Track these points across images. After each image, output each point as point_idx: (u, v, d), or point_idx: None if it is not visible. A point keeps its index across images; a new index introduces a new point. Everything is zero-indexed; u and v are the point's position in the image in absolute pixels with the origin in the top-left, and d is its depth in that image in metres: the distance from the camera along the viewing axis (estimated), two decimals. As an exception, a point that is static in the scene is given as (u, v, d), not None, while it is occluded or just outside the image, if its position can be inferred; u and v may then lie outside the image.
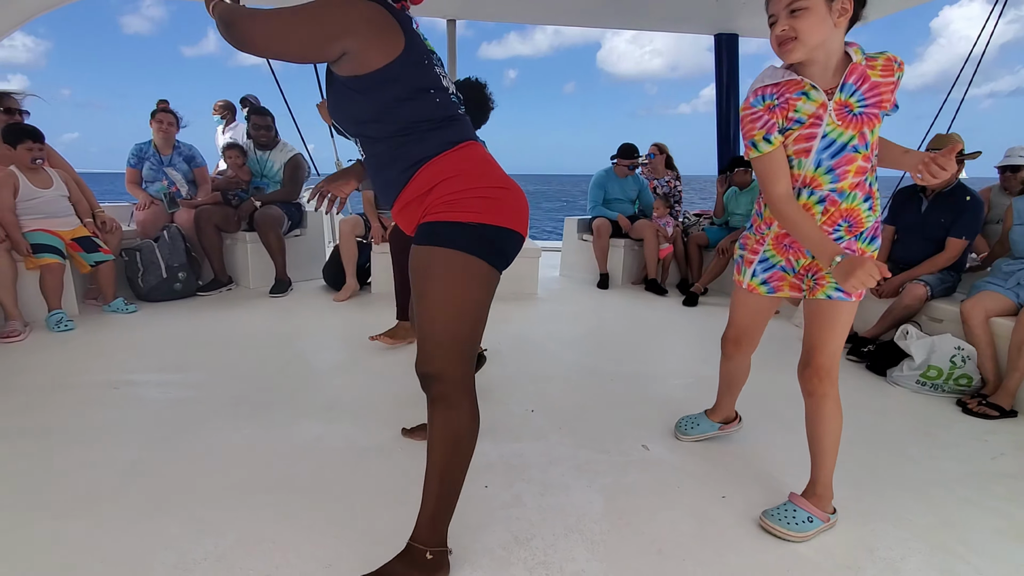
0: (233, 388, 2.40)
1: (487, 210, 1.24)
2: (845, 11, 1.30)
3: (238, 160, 4.11)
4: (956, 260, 2.91)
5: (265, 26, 1.17)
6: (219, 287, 4.03)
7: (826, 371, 1.50)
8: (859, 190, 1.41)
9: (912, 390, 2.59)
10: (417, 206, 1.29)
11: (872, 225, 1.46)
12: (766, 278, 1.62)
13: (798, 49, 1.32)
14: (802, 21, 1.29)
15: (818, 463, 1.57)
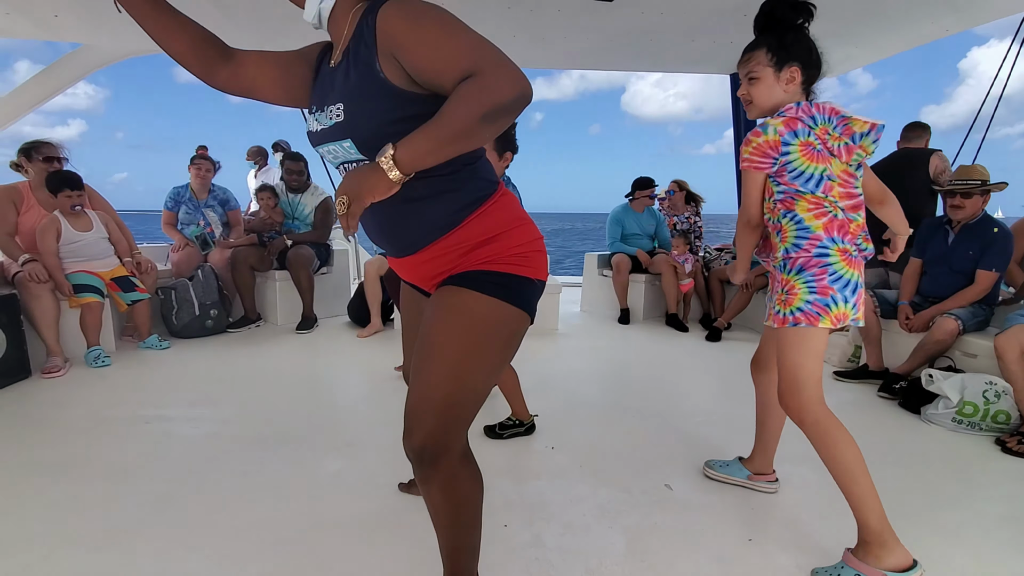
0: (259, 423, 2.45)
1: (542, 264, 1.17)
2: (792, 79, 1.53)
3: (271, 202, 4.30)
4: (988, 293, 2.83)
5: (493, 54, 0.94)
6: (248, 324, 4.15)
7: (786, 392, 1.52)
8: (768, 226, 1.64)
9: (949, 428, 2.49)
10: (458, 255, 1.11)
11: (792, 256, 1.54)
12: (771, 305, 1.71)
13: (754, 110, 1.59)
14: (755, 88, 1.56)
15: (850, 502, 1.48)
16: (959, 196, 2.89)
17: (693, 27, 3.93)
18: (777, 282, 1.59)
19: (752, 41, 1.58)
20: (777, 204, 1.58)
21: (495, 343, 1.09)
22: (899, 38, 4.15)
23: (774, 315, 1.56)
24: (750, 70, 1.55)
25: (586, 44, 4.35)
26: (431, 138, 0.92)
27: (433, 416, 1.05)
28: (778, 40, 1.52)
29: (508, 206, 1.15)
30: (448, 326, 1.07)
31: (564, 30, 4.06)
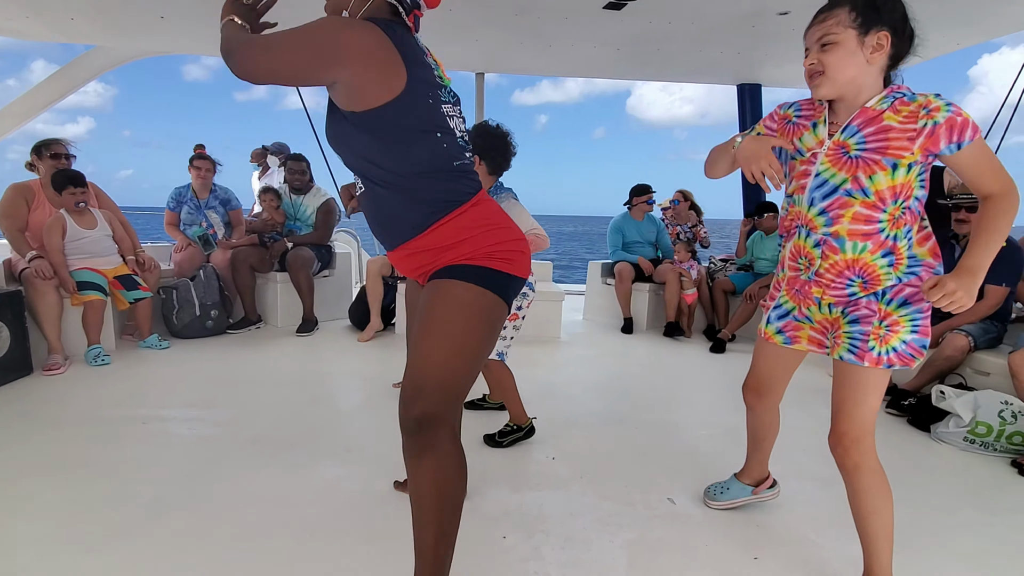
0: (257, 426, 2.42)
1: (519, 262, 1.26)
2: (880, 47, 1.24)
3: (273, 203, 4.28)
4: (998, 309, 2.78)
5: (262, 53, 1.11)
6: (248, 325, 4.12)
7: (851, 439, 1.35)
8: (869, 242, 1.30)
9: (960, 448, 2.43)
10: (432, 255, 1.24)
11: (900, 287, 1.32)
12: (781, 327, 1.54)
13: (825, 84, 1.29)
14: (831, 55, 1.26)
15: (868, 549, 1.42)
16: (964, 210, 2.84)
17: (701, 37, 3.93)
18: (872, 313, 1.33)
19: (829, 2, 1.30)
20: (906, 212, 1.29)
21: (482, 326, 1.20)
22: (910, 51, 4.12)
23: (866, 352, 1.31)
24: (826, 32, 1.26)
25: (593, 52, 4.34)
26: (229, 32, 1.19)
27: (433, 386, 1.15)
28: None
29: (482, 214, 1.25)
30: (443, 308, 1.19)
31: (571, 38, 4.05)
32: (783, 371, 1.62)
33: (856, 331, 1.34)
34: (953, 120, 1.21)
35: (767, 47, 4.06)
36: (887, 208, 1.29)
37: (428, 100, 1.18)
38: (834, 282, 1.36)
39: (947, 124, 1.21)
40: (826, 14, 1.28)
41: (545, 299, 4.03)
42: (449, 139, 1.22)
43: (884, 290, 1.33)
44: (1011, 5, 3.24)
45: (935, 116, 1.22)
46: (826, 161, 1.33)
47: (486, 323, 1.21)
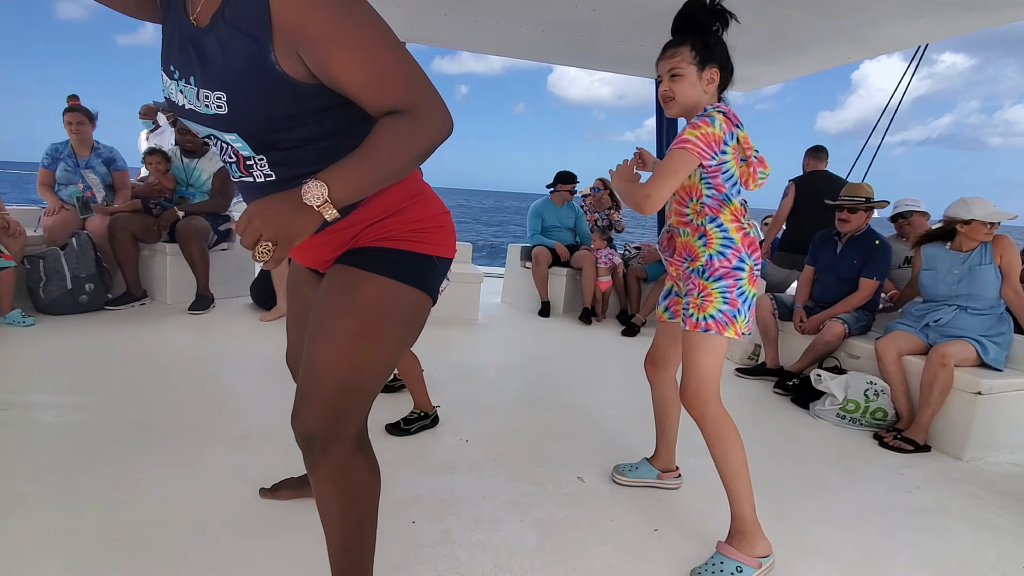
0: (139, 413, 2.17)
1: (444, 240, 1.09)
2: (712, 80, 1.56)
3: (161, 166, 3.85)
4: (869, 300, 3.11)
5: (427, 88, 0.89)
6: (131, 301, 3.71)
7: (692, 392, 1.56)
8: (688, 228, 1.62)
9: (833, 423, 2.71)
10: (353, 232, 1.04)
11: (708, 262, 1.56)
12: (667, 304, 1.80)
13: (674, 107, 1.59)
14: (678, 85, 1.56)
15: (729, 493, 1.55)
16: (846, 211, 3.14)
17: (623, 28, 4.00)
18: (693, 286, 1.59)
19: (673, 38, 1.58)
20: (704, 207, 1.58)
21: (390, 325, 1.02)
22: (807, 61, 4.47)
23: (687, 318, 1.57)
24: (674, 66, 1.55)
25: (518, 32, 4.29)
26: (366, 177, 0.85)
27: (322, 401, 0.98)
28: (703, 40, 1.54)
29: (407, 181, 1.06)
30: (338, 308, 1.00)
31: (497, 15, 3.97)
32: (673, 344, 1.81)
33: (686, 302, 1.61)
34: (682, 132, 1.52)
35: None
36: (689, 204, 1.61)
37: None
38: (679, 261, 1.68)
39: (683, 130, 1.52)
40: (673, 50, 1.56)
41: (463, 281, 3.98)
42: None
43: (703, 267, 1.58)
44: (893, 27, 3.60)
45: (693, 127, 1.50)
46: None
47: (402, 325, 1.03)
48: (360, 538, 1.09)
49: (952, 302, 2.67)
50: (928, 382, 2.49)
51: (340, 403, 0.98)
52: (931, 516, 1.93)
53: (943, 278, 2.71)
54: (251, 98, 0.88)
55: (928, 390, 2.49)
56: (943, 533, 1.83)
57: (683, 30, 1.57)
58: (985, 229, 2.58)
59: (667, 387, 1.88)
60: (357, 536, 1.09)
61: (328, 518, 1.06)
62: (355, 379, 0.99)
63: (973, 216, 2.58)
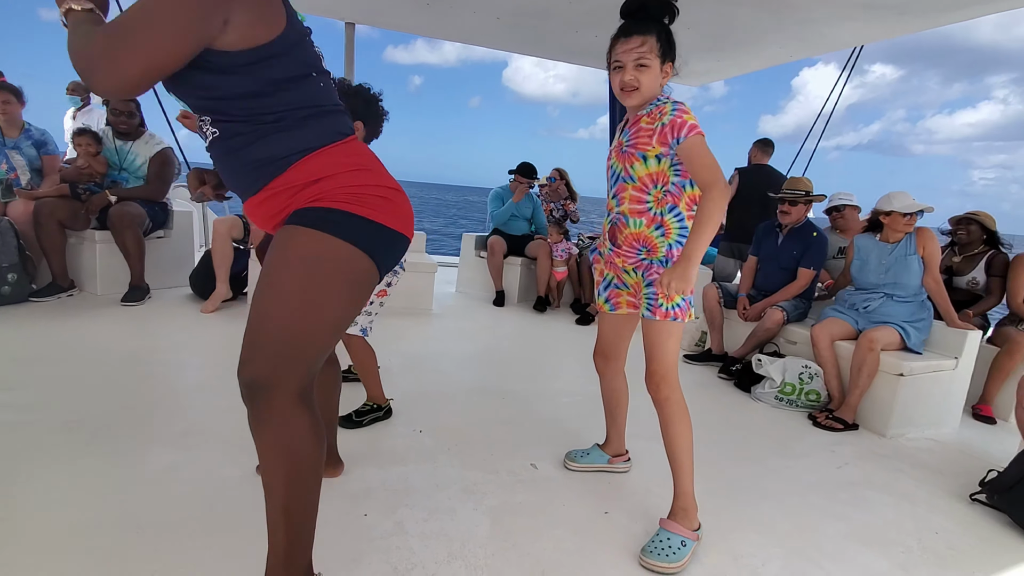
0: (69, 411, 2.04)
1: (388, 210, 1.13)
2: (667, 74, 1.58)
3: (91, 148, 3.59)
4: (806, 288, 3.28)
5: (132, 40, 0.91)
6: (58, 292, 3.46)
7: (659, 376, 1.61)
8: (643, 218, 1.61)
9: (772, 405, 2.85)
10: (287, 196, 1.11)
11: (669, 252, 1.61)
12: (607, 296, 1.80)
13: (636, 97, 1.57)
14: (644, 76, 1.53)
15: (675, 474, 1.63)
16: (787, 203, 3.29)
17: (578, 19, 4.02)
18: (657, 276, 1.61)
19: (637, 24, 1.53)
20: (667, 195, 1.59)
21: (330, 278, 1.07)
22: (754, 58, 4.63)
23: (656, 308, 1.60)
24: (642, 56, 1.52)
25: (472, 18, 4.24)
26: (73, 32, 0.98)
27: (264, 347, 1.03)
28: (667, 32, 1.54)
29: (349, 152, 1.14)
30: (281, 260, 1.06)
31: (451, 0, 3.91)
32: (620, 336, 1.86)
33: (650, 292, 1.63)
34: (675, 121, 1.51)
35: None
36: (651, 191, 1.60)
37: (304, 39, 1.11)
38: (629, 252, 1.67)
39: (670, 124, 1.52)
40: (641, 39, 1.52)
41: (417, 271, 3.94)
42: (325, 79, 1.15)
43: (666, 258, 1.61)
44: (831, 28, 3.77)
45: (663, 118, 1.54)
46: (613, 156, 1.68)
47: (342, 280, 1.08)
48: (299, 503, 1.09)
49: (880, 290, 2.86)
50: (857, 365, 2.66)
51: (281, 351, 1.02)
52: (857, 489, 2.07)
53: (872, 267, 2.89)
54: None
55: (857, 372, 2.66)
56: (868, 505, 1.96)
57: (635, 16, 1.55)
58: (904, 220, 2.76)
59: (617, 378, 1.93)
60: (297, 500, 1.08)
61: (269, 479, 1.07)
62: (296, 325, 1.04)
63: (893, 208, 2.77)
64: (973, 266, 3.26)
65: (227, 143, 1.10)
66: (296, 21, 1.10)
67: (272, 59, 1.04)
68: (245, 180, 1.13)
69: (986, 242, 3.27)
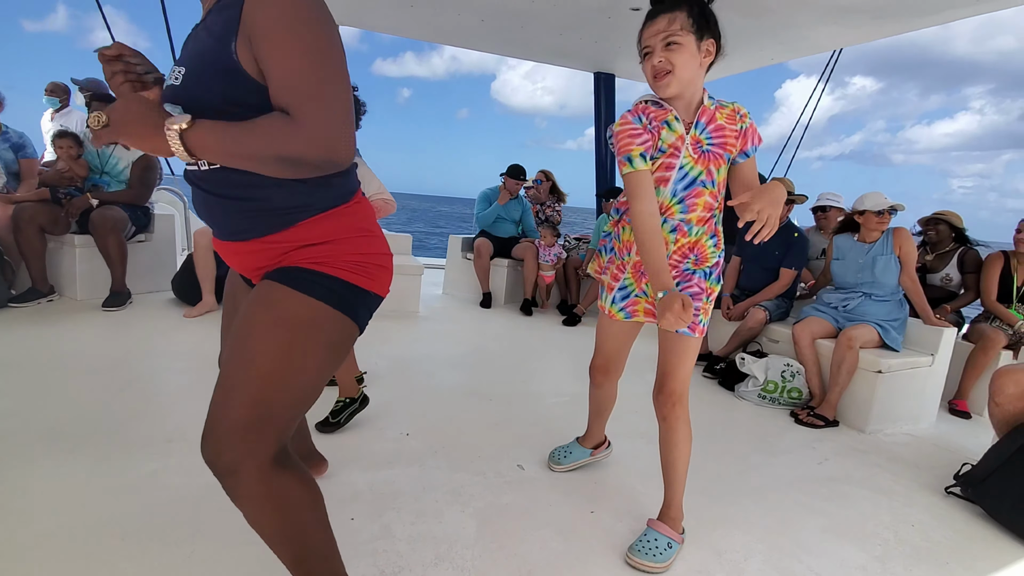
0: (49, 418, 2.01)
1: (384, 280, 1.09)
2: (709, 53, 1.39)
3: (72, 151, 3.54)
4: (788, 288, 3.33)
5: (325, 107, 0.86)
6: (37, 298, 3.40)
7: (677, 396, 1.54)
8: (706, 226, 1.49)
9: (755, 403, 2.90)
10: (284, 251, 1.02)
11: (716, 262, 1.54)
12: (624, 305, 1.64)
13: (673, 83, 1.38)
14: (677, 55, 1.35)
15: (671, 486, 1.61)
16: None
17: (562, 20, 4.04)
18: (699, 289, 1.50)
19: (663, 3, 1.37)
20: (720, 200, 1.48)
21: (314, 348, 0.98)
22: (735, 61, 4.69)
23: (697, 325, 1.48)
24: (671, 33, 1.34)
25: (457, 20, 4.24)
26: (225, 146, 0.87)
27: (233, 422, 0.92)
28: (701, 5, 1.36)
29: (357, 216, 1.07)
30: (259, 322, 0.96)
31: (434, 1, 3.91)
32: (625, 346, 1.75)
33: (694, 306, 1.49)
34: (753, 126, 1.48)
35: (621, 39, 4.32)
36: (719, 197, 1.50)
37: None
38: (679, 262, 1.53)
39: (751, 128, 1.48)
40: (667, 16, 1.35)
41: (403, 273, 3.93)
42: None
43: (710, 268, 1.53)
44: (810, 31, 3.84)
45: (745, 121, 1.48)
46: (687, 155, 1.45)
47: (326, 349, 1.00)
48: (308, 548, 1.04)
49: (858, 289, 2.92)
50: (837, 363, 2.71)
51: (250, 423, 0.92)
52: (837, 485, 2.11)
53: (851, 267, 2.95)
54: (202, 77, 0.93)
55: (837, 370, 2.71)
56: (847, 500, 2.01)
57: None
58: (876, 218, 2.82)
59: (613, 389, 1.89)
60: (303, 547, 1.03)
61: (267, 540, 1.01)
62: (269, 396, 0.94)
63: (865, 207, 2.84)
64: (945, 263, 3.35)
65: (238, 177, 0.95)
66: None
67: None
68: (241, 223, 1.01)
69: (955, 239, 3.37)
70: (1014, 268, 3.21)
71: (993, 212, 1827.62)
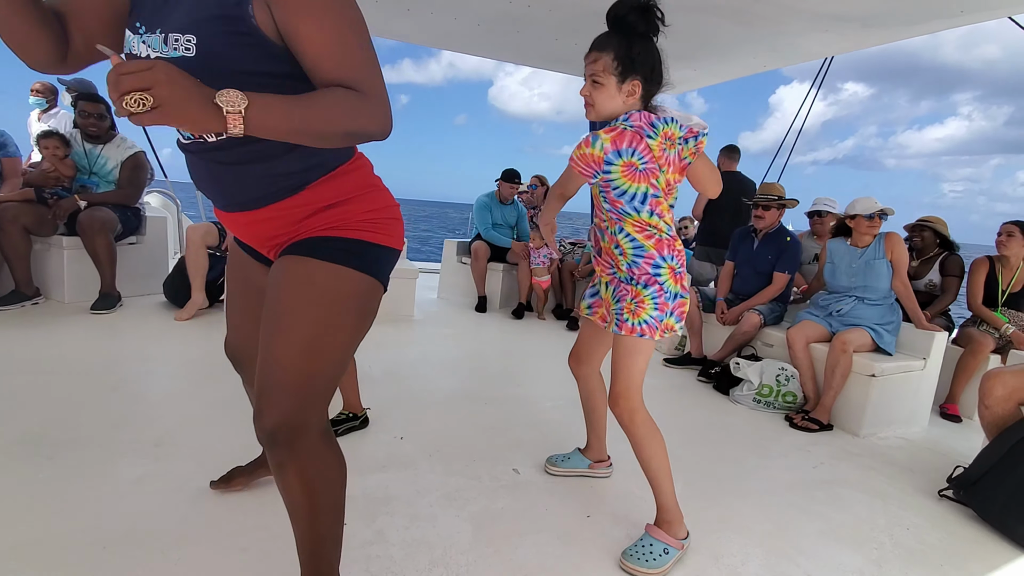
0: (32, 423, 1.97)
1: (398, 232, 1.11)
2: (633, 93, 1.51)
3: (58, 152, 3.48)
4: (782, 292, 3.35)
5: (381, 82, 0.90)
6: (21, 300, 3.34)
7: (617, 393, 1.58)
8: (606, 234, 1.63)
9: (750, 407, 2.90)
10: (299, 217, 1.03)
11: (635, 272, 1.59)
12: (591, 302, 1.78)
13: (591, 113, 1.56)
14: (597, 92, 1.52)
15: (655, 489, 1.61)
16: (760, 208, 3.37)
17: (558, 26, 4.05)
18: (625, 292, 1.61)
19: (601, 38, 1.51)
20: (612, 218, 1.59)
21: (347, 314, 1.02)
22: (729, 67, 4.74)
23: (622, 323, 1.57)
24: (595, 73, 1.50)
25: (453, 24, 4.24)
26: (291, 123, 0.82)
27: (286, 394, 0.97)
28: (627, 49, 1.47)
29: (362, 171, 1.10)
30: (295, 298, 0.99)
31: (431, 6, 3.91)
32: (597, 342, 1.86)
33: (617, 308, 1.61)
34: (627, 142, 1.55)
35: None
36: (602, 211, 1.62)
37: None
38: (607, 265, 1.67)
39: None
40: (597, 54, 1.50)
41: (399, 277, 3.90)
42: None
43: (628, 275, 1.61)
44: (802, 39, 3.88)
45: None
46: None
47: (357, 313, 1.03)
48: (332, 529, 1.09)
49: (851, 293, 2.93)
50: (831, 366, 2.72)
51: (303, 396, 0.98)
52: (832, 488, 2.11)
53: (843, 271, 2.96)
54: (219, 44, 0.87)
55: (831, 374, 2.72)
56: (842, 503, 2.00)
57: (611, 31, 1.50)
58: (867, 222, 2.85)
59: (592, 379, 1.92)
60: (329, 526, 1.08)
61: (298, 513, 1.05)
62: (316, 370, 0.99)
63: (856, 212, 2.86)
64: (929, 269, 3.38)
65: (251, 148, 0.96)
66: None
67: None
68: (252, 192, 1.02)
69: (940, 245, 3.40)
70: (999, 272, 3.24)
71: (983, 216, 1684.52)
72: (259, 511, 1.57)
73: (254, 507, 1.59)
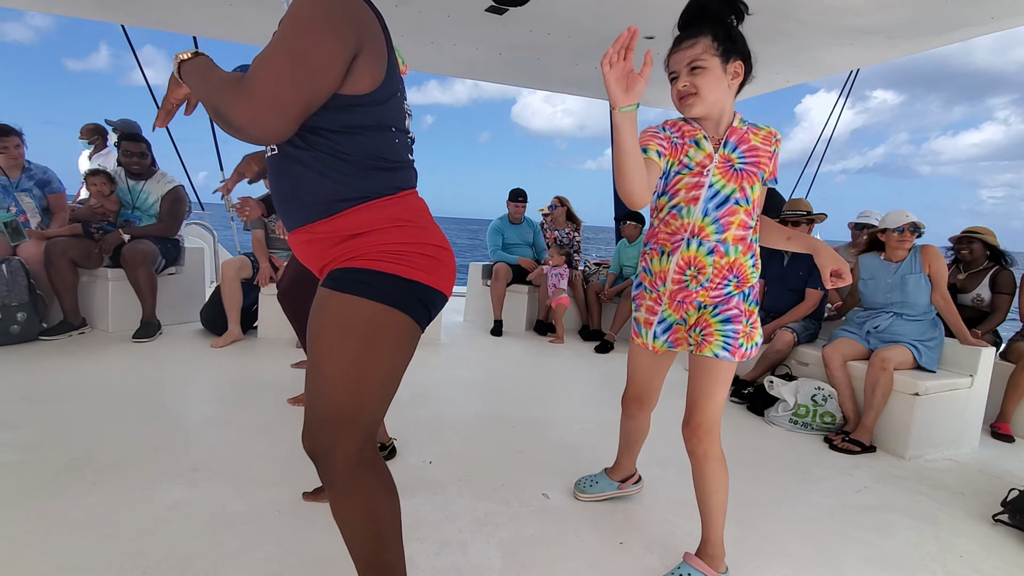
0: (76, 449, 2.04)
1: (430, 269, 1.09)
2: (737, 75, 1.41)
3: (104, 188, 3.68)
4: (815, 309, 3.26)
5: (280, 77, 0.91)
6: (69, 330, 3.50)
7: (705, 430, 1.48)
8: (742, 244, 1.45)
9: (786, 429, 2.80)
10: (329, 244, 1.07)
11: (755, 284, 1.49)
12: (667, 337, 1.57)
13: (697, 104, 1.40)
14: (701, 78, 1.38)
15: (707, 523, 1.54)
16: (789, 224, 3.31)
17: (578, 51, 4.12)
18: (738, 311, 1.46)
19: (688, 29, 1.40)
20: (758, 220, 1.47)
21: (350, 341, 1.03)
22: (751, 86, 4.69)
23: (735, 348, 1.44)
24: (696, 57, 1.37)
25: (476, 54, 4.36)
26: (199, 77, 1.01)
27: (317, 420, 1.05)
28: (726, 29, 1.38)
29: (400, 207, 1.09)
30: (320, 333, 1.05)
31: (453, 37, 4.03)
32: (658, 376, 1.71)
33: (729, 330, 1.45)
34: (777, 158, 1.48)
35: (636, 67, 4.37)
36: (754, 215, 1.48)
37: (395, 97, 1.09)
38: (718, 285, 1.47)
39: (777, 158, 1.49)
40: (692, 41, 1.38)
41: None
42: (401, 137, 1.12)
43: (748, 290, 1.48)
44: (825, 53, 3.85)
45: (778, 146, 1.49)
46: (717, 173, 1.44)
47: (364, 341, 1.02)
48: (381, 554, 1.09)
49: (888, 309, 2.84)
50: (871, 385, 2.62)
51: (332, 422, 1.03)
52: (878, 514, 2.02)
53: (878, 287, 2.87)
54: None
55: (871, 393, 2.62)
56: (889, 529, 1.91)
57: (695, 23, 1.40)
58: (896, 236, 2.76)
59: (647, 420, 1.83)
60: (376, 552, 1.09)
61: (346, 536, 1.09)
62: (341, 397, 1.03)
63: (885, 226, 2.79)
64: (978, 283, 3.24)
65: (286, 165, 1.07)
66: (395, 75, 1.09)
67: (359, 108, 1.03)
68: (293, 208, 1.09)
69: (990, 258, 3.26)
70: (1051, 285, 3.09)
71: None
72: (292, 538, 1.59)
73: (287, 534, 1.61)
